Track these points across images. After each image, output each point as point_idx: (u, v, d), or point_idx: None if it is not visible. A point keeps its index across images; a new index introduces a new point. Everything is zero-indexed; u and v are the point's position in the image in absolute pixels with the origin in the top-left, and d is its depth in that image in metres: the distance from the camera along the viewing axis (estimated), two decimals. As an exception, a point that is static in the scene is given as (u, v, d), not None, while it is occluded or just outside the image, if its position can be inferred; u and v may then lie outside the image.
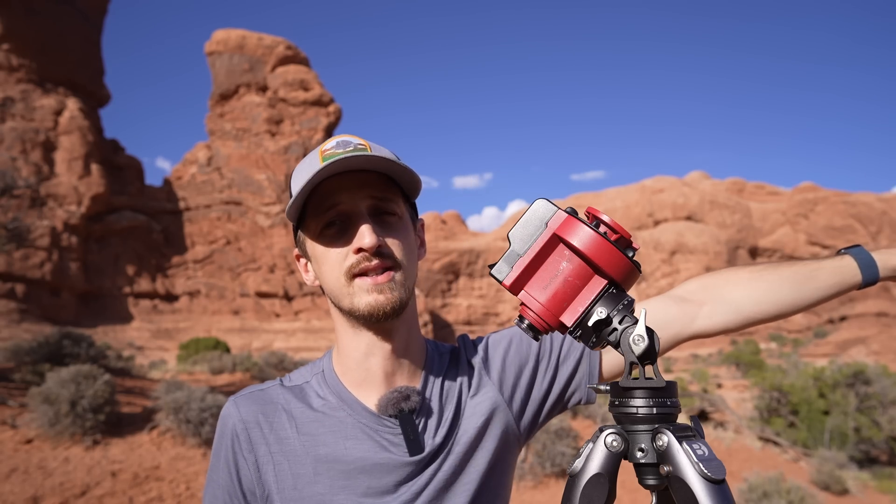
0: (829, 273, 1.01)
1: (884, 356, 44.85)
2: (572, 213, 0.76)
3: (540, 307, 0.75)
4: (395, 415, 0.93)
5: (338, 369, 0.98)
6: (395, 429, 0.93)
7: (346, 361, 0.97)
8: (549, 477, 8.21)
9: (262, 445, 0.93)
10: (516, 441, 1.03)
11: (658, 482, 0.70)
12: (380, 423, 0.93)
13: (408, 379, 0.98)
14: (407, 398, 0.93)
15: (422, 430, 0.94)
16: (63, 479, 6.08)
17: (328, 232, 0.91)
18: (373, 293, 0.89)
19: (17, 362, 10.60)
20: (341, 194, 0.89)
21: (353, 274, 0.89)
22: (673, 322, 1.03)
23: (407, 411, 0.93)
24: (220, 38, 66.55)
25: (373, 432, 0.93)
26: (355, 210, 0.90)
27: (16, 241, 12.44)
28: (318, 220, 0.91)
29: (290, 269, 59.19)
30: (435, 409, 0.97)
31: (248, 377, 14.56)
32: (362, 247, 0.87)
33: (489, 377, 1.03)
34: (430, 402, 0.97)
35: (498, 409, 1.00)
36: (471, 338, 1.10)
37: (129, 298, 53.86)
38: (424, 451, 0.93)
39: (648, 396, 0.70)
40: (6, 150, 45.71)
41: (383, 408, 0.93)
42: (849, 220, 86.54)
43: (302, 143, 63.34)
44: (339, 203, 0.90)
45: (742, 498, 7.65)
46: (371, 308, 0.89)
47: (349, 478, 0.90)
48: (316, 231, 0.92)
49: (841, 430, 14.80)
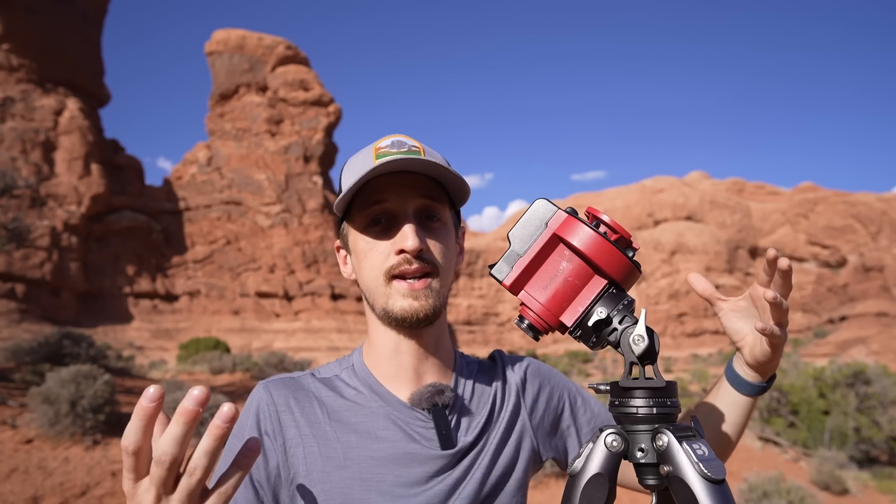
0: (723, 406, 0.97)
1: (884, 356, 44.83)
2: (572, 213, 0.76)
3: (540, 307, 0.76)
4: (429, 408, 0.93)
5: (368, 363, 0.99)
6: (426, 422, 0.93)
7: (377, 356, 0.97)
8: (549, 477, 8.22)
9: (291, 428, 0.91)
10: (534, 463, 1.04)
11: (658, 482, 0.70)
12: (412, 416, 0.93)
13: (438, 377, 0.98)
14: (441, 393, 0.94)
15: (454, 427, 0.94)
16: (63, 479, 6.08)
17: (373, 229, 0.91)
18: (408, 298, 0.89)
19: (17, 362, 10.61)
20: (391, 193, 0.90)
21: (392, 275, 0.89)
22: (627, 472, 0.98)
23: (440, 406, 0.94)
24: (220, 39, 66.55)
25: (404, 424, 0.93)
26: (402, 211, 0.90)
27: (16, 241, 12.45)
28: (364, 214, 0.91)
29: (291, 269, 59.20)
30: (468, 409, 0.97)
31: (248, 377, 14.56)
32: (404, 248, 0.87)
33: (523, 400, 1.04)
34: (463, 401, 0.98)
35: (526, 430, 1.02)
36: (507, 354, 1.12)
37: (129, 298, 53.86)
38: (456, 447, 0.92)
39: (648, 396, 0.70)
40: (6, 150, 45.72)
41: (417, 401, 0.93)
42: (849, 220, 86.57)
43: (302, 143, 63.34)
44: (387, 201, 0.90)
45: (742, 498, 7.65)
46: (405, 313, 0.89)
47: (379, 465, 0.90)
48: (361, 226, 0.92)
49: (841, 430, 14.80)
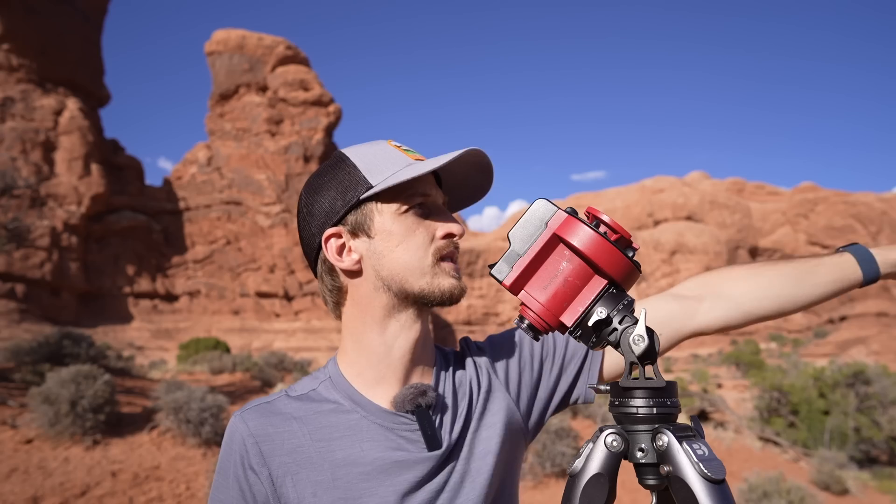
0: (829, 269, 1.01)
1: (884, 356, 44.82)
2: (572, 213, 0.76)
3: (540, 307, 0.76)
4: (412, 410, 0.93)
5: (346, 373, 0.97)
6: (411, 425, 0.93)
7: (361, 362, 0.96)
8: (549, 477, 8.21)
9: (275, 458, 0.90)
10: (524, 439, 1.04)
11: (658, 482, 0.70)
12: (395, 421, 0.93)
13: (422, 376, 0.98)
14: (424, 393, 0.93)
15: (438, 426, 0.95)
16: (63, 479, 6.08)
17: (415, 212, 0.94)
18: (451, 278, 0.94)
19: (17, 362, 10.61)
20: (431, 187, 0.96)
21: (441, 256, 0.94)
22: (673, 319, 1.03)
23: (424, 407, 0.93)
24: (220, 38, 66.53)
25: (388, 431, 0.92)
26: (439, 202, 0.97)
27: (16, 241, 12.45)
28: (404, 201, 0.93)
29: (291, 269, 59.19)
30: (449, 405, 0.97)
31: (248, 377, 14.55)
32: (453, 232, 0.94)
33: (496, 377, 1.04)
34: (444, 399, 0.97)
35: (507, 408, 1.01)
36: (472, 339, 1.10)
37: (129, 298, 53.85)
38: (442, 446, 0.93)
39: (648, 396, 0.70)
40: (6, 150, 45.71)
41: (400, 404, 0.93)
42: (849, 220, 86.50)
43: (302, 143, 63.32)
44: (428, 192, 0.95)
45: (742, 498, 7.65)
46: (454, 288, 0.93)
47: (369, 479, 0.89)
48: (398, 210, 0.93)
49: (841, 430, 14.80)
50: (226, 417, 8.06)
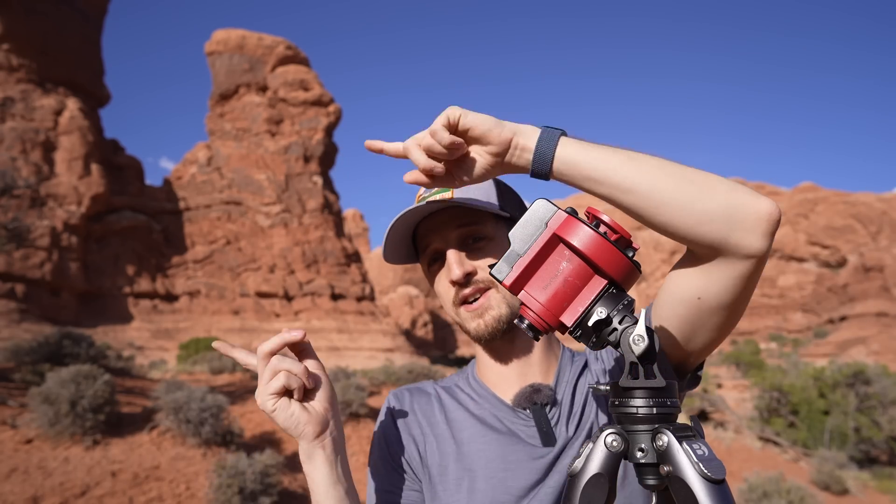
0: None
1: (884, 356, 44.79)
2: (572, 213, 0.76)
3: (540, 307, 0.76)
4: (528, 407, 1.01)
5: (479, 372, 1.10)
6: (528, 421, 1.00)
7: (484, 366, 1.08)
8: (549, 477, 8.22)
9: (416, 427, 1.06)
10: None
11: (658, 482, 0.70)
12: (515, 416, 1.01)
13: (541, 377, 1.05)
14: (538, 392, 1.01)
15: (555, 424, 1.00)
16: (63, 479, 6.08)
17: (433, 269, 1.04)
18: (475, 320, 1.00)
19: (17, 362, 10.60)
20: (433, 233, 1.01)
21: (457, 304, 1.01)
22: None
23: (539, 404, 1.01)
24: (220, 39, 66.52)
25: (509, 423, 1.01)
26: (446, 246, 1.01)
27: (16, 241, 12.45)
28: (422, 260, 1.06)
29: (291, 269, 59.19)
30: (566, 404, 1.02)
31: (248, 377, 14.53)
32: (451, 279, 0.98)
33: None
34: (562, 398, 1.03)
35: None
36: None
37: (129, 298, 53.83)
38: (557, 442, 0.98)
39: (648, 396, 0.70)
40: (6, 150, 45.69)
41: (517, 401, 1.02)
42: (849, 220, 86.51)
43: (302, 143, 63.32)
44: (432, 242, 1.02)
45: (742, 498, 7.65)
46: (477, 332, 1.00)
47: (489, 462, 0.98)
48: (425, 269, 1.06)
49: (841, 430, 14.79)
50: (226, 417, 8.06)
